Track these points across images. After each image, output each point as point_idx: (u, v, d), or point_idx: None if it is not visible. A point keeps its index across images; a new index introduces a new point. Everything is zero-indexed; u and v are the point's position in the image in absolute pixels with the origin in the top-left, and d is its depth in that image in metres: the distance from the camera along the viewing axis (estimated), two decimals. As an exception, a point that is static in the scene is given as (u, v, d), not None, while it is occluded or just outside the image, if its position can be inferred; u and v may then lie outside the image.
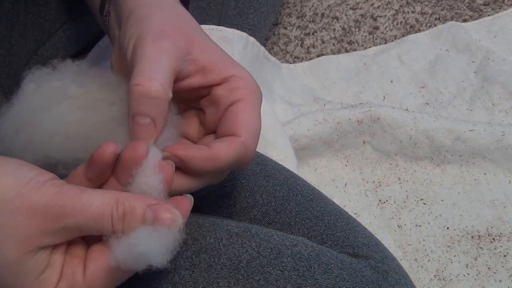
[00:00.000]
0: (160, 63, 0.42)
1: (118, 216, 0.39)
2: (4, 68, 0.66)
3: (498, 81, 0.93)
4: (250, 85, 0.46)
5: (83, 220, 0.38)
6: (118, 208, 0.39)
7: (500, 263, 0.79)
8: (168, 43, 0.43)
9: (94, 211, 0.38)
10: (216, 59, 0.46)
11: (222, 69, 0.46)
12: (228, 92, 0.45)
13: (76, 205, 0.38)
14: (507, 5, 1.06)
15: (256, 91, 0.47)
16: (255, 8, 0.88)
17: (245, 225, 0.53)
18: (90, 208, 0.38)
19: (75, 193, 0.39)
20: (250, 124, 0.44)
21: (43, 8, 0.68)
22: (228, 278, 0.48)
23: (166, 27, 0.45)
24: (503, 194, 0.84)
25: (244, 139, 0.44)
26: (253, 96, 0.46)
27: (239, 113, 0.45)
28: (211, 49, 0.47)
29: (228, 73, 0.46)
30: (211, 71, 0.46)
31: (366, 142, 0.88)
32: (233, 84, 0.46)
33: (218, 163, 0.43)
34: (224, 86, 0.46)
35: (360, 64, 1.00)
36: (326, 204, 0.59)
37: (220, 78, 0.46)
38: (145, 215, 0.39)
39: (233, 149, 0.43)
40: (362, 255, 0.55)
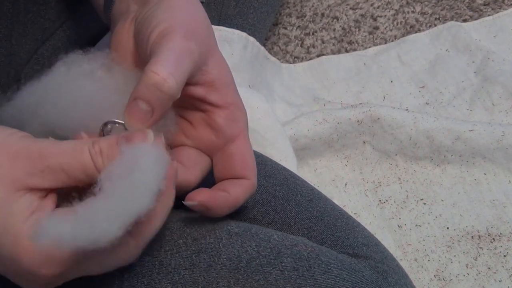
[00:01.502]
0: (183, 62, 0.43)
1: (95, 151, 0.40)
2: (4, 67, 0.66)
3: (498, 81, 0.93)
4: (245, 118, 0.49)
5: (64, 159, 0.40)
6: (94, 146, 0.40)
7: (500, 263, 0.79)
8: (195, 46, 0.44)
9: (72, 150, 0.40)
10: (224, 80, 0.47)
11: (227, 93, 0.47)
12: (229, 123, 0.48)
13: (55, 148, 0.40)
14: (507, 5, 1.06)
15: (246, 122, 0.49)
16: (255, 8, 0.88)
17: (245, 225, 0.52)
18: (68, 148, 0.40)
19: (50, 141, 0.41)
20: (254, 165, 0.49)
21: (43, 8, 0.68)
22: (228, 278, 0.48)
23: (196, 28, 0.45)
24: (503, 194, 0.84)
25: (254, 181, 0.49)
26: (245, 128, 0.49)
27: (244, 154, 0.48)
28: (224, 68, 0.48)
29: (231, 100, 0.47)
30: (216, 90, 0.47)
31: (366, 142, 0.88)
32: (233, 114, 0.48)
33: (235, 207, 0.48)
34: (225, 115, 0.47)
35: (360, 64, 1.00)
36: (326, 204, 0.59)
37: (222, 102, 0.47)
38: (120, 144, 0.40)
39: (248, 192, 0.48)
40: (361, 255, 0.55)
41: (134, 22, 0.48)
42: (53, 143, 0.40)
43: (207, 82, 0.46)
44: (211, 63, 0.46)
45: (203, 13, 0.49)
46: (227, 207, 0.47)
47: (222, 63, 0.48)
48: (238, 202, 0.47)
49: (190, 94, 0.47)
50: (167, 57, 0.42)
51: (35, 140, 0.41)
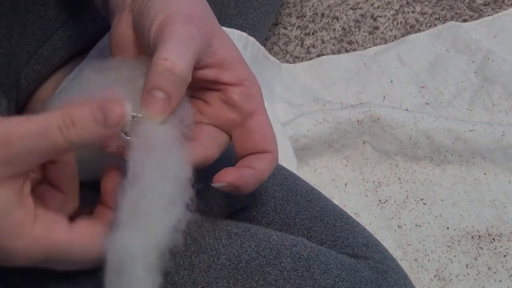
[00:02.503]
0: (189, 46, 0.43)
1: (66, 125, 0.38)
2: (4, 67, 0.66)
3: (498, 81, 0.93)
4: (260, 92, 0.49)
5: (30, 140, 0.37)
6: (64, 118, 0.38)
7: (500, 263, 0.79)
8: (196, 30, 0.44)
9: (37, 128, 0.37)
10: (233, 58, 0.47)
11: (238, 70, 0.47)
12: (245, 99, 0.47)
13: (19, 129, 0.37)
14: (507, 5, 1.06)
15: (261, 94, 0.49)
16: (255, 8, 0.88)
17: (244, 225, 0.53)
18: (33, 127, 0.37)
19: (18, 119, 0.38)
20: (274, 137, 0.49)
21: (43, 8, 0.68)
22: (227, 278, 0.48)
23: (194, 14, 0.45)
24: (503, 194, 0.84)
25: (276, 153, 0.49)
26: (262, 102, 0.49)
27: (264, 128, 0.48)
28: (230, 46, 0.48)
29: (243, 76, 0.47)
30: (227, 69, 0.47)
31: (366, 142, 0.88)
32: (248, 90, 0.47)
33: (263, 181, 0.47)
34: (240, 91, 0.47)
35: (360, 64, 1.00)
36: (325, 204, 0.59)
37: (235, 79, 0.47)
38: (95, 114, 0.38)
39: (272, 166, 0.48)
40: (361, 255, 0.55)
41: (131, 14, 0.48)
42: (19, 122, 0.38)
43: (215, 63, 0.46)
44: (216, 44, 0.46)
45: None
46: (255, 183, 0.47)
47: (227, 42, 0.48)
48: (264, 176, 0.47)
49: (202, 77, 0.46)
50: (173, 44, 0.42)
51: (1, 122, 0.38)
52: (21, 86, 0.68)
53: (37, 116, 0.38)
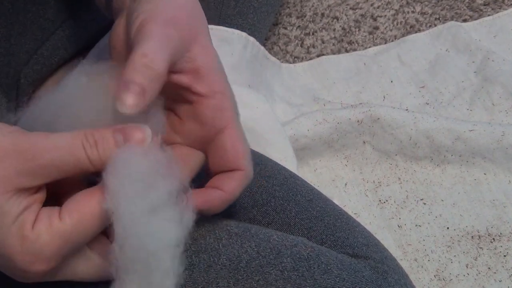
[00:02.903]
0: (166, 45, 0.43)
1: (90, 144, 0.39)
2: (3, 67, 0.66)
3: (498, 81, 0.93)
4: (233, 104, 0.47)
5: (57, 154, 0.39)
6: (88, 138, 0.40)
7: (500, 263, 0.79)
8: (174, 32, 0.44)
9: (64, 144, 0.39)
10: (210, 67, 0.46)
11: (213, 81, 0.46)
12: (216, 113, 0.46)
13: (46, 143, 0.39)
14: (507, 5, 1.06)
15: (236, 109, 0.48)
16: (255, 8, 0.88)
17: (244, 225, 0.52)
18: (60, 143, 0.39)
19: (43, 134, 0.40)
20: (247, 154, 0.47)
21: (42, 7, 0.68)
22: (228, 278, 0.48)
23: (176, 16, 0.45)
24: (503, 194, 0.84)
25: (248, 170, 0.47)
26: (234, 115, 0.47)
27: (236, 144, 0.46)
28: (210, 54, 0.47)
29: (217, 87, 0.46)
30: (202, 78, 0.46)
31: (366, 142, 0.88)
32: (220, 103, 0.46)
33: (231, 201, 0.47)
34: (212, 105, 0.46)
35: (360, 64, 1.00)
36: (325, 204, 0.59)
37: (207, 91, 0.46)
38: (116, 138, 0.40)
39: (242, 184, 0.47)
40: (361, 255, 0.55)
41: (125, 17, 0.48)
42: (45, 136, 0.40)
43: (191, 69, 0.45)
44: (195, 50, 0.45)
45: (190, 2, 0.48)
46: (223, 205, 0.46)
47: (209, 50, 0.47)
48: (233, 196, 0.46)
49: (175, 82, 0.46)
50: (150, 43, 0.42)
51: (25, 135, 0.40)
52: (21, 86, 0.68)
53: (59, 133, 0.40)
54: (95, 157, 0.40)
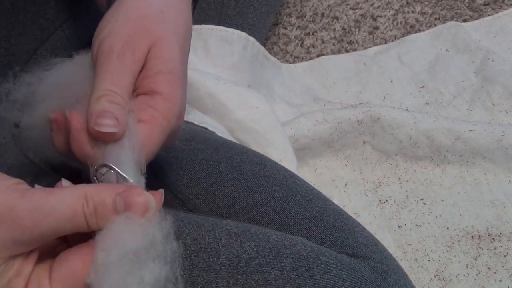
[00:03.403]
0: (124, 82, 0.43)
1: (89, 212, 0.38)
2: (3, 67, 0.66)
3: (498, 81, 0.93)
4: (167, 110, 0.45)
5: (56, 222, 0.37)
6: (88, 203, 0.38)
7: (500, 263, 0.79)
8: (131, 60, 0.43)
9: (66, 211, 0.37)
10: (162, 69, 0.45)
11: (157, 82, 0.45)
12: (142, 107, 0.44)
13: (46, 208, 0.37)
14: (507, 5, 1.06)
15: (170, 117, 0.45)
16: (255, 8, 0.88)
17: (244, 225, 0.52)
18: (61, 209, 0.37)
19: (41, 195, 0.37)
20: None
21: (42, 8, 0.68)
22: (227, 278, 0.48)
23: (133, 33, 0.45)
24: (503, 194, 0.84)
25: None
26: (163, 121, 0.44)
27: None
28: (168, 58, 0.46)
29: (157, 87, 0.45)
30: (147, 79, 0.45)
31: (366, 142, 0.88)
32: (152, 101, 0.44)
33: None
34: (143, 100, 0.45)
35: (360, 64, 1.00)
36: (325, 204, 0.59)
37: (148, 88, 0.45)
38: (116, 204, 0.38)
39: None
40: (361, 255, 0.55)
41: None
42: (45, 198, 0.37)
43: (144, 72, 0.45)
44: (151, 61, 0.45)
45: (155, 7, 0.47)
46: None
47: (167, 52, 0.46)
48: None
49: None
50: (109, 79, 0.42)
51: (24, 195, 0.37)
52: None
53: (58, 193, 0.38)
54: (94, 225, 0.38)
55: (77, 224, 0.38)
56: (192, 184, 0.59)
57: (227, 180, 0.59)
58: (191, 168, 0.60)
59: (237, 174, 0.59)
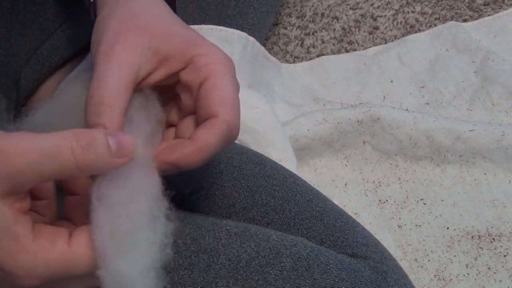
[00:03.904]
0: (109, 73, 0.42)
1: (81, 145, 0.36)
2: (3, 67, 0.66)
3: (498, 81, 0.93)
4: (215, 58, 0.44)
5: (37, 159, 0.35)
6: (79, 139, 0.36)
7: (500, 263, 0.79)
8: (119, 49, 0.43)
9: (48, 147, 0.35)
10: (177, 45, 0.45)
11: (184, 52, 0.44)
12: (194, 74, 0.44)
13: (25, 144, 0.35)
14: (507, 5, 1.06)
15: (222, 61, 0.44)
16: (255, 8, 0.88)
17: (244, 225, 0.53)
18: (43, 145, 0.35)
19: (22, 134, 0.36)
20: (224, 98, 0.43)
21: (42, 8, 0.68)
22: (227, 278, 0.48)
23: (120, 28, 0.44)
24: (503, 194, 0.84)
25: (223, 116, 0.42)
26: (220, 68, 0.44)
27: (210, 91, 0.43)
28: (173, 35, 0.45)
29: (190, 54, 0.44)
30: (173, 59, 0.44)
31: (366, 142, 0.88)
32: (197, 64, 0.44)
33: (208, 151, 0.42)
34: (189, 69, 0.44)
35: (360, 64, 1.00)
36: (325, 204, 0.59)
37: (183, 62, 0.44)
38: (108, 141, 0.37)
39: (217, 132, 0.42)
40: (361, 255, 0.55)
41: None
42: (27, 137, 0.36)
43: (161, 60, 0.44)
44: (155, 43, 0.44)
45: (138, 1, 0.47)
46: (196, 156, 0.41)
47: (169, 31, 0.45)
48: (207, 145, 0.41)
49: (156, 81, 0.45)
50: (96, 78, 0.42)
51: (4, 136, 0.36)
52: (20, 86, 0.68)
53: (47, 134, 0.36)
54: (85, 162, 0.36)
55: (61, 161, 0.36)
56: (191, 184, 0.59)
57: (227, 180, 0.59)
58: (190, 168, 0.60)
59: (237, 174, 0.59)
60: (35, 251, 0.36)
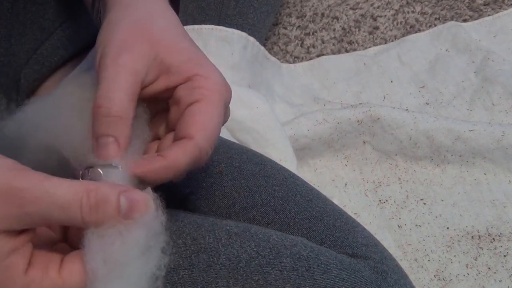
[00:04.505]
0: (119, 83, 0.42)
1: (89, 205, 0.36)
2: (3, 67, 0.66)
3: (498, 81, 0.93)
4: (213, 84, 0.45)
5: (46, 208, 0.36)
6: (89, 196, 0.36)
7: (500, 263, 0.79)
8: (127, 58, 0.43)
9: (59, 198, 0.36)
10: (182, 59, 0.45)
11: (188, 69, 0.45)
12: (189, 92, 0.44)
13: (38, 191, 0.36)
14: (507, 5, 1.06)
15: (219, 90, 0.45)
16: (255, 8, 0.88)
17: (244, 225, 0.52)
18: (54, 195, 0.36)
19: (37, 178, 0.36)
20: (205, 124, 0.43)
21: (42, 8, 0.68)
22: (227, 278, 0.48)
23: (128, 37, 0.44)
24: (503, 194, 0.84)
25: (198, 141, 0.43)
26: (215, 96, 0.44)
27: (196, 113, 0.44)
28: (179, 49, 0.46)
29: (192, 72, 0.45)
30: (175, 72, 0.45)
31: (366, 142, 0.88)
32: (195, 83, 0.44)
33: (176, 169, 0.42)
34: (186, 86, 0.45)
35: (360, 64, 1.00)
36: (325, 204, 0.59)
37: (183, 78, 0.45)
38: (120, 203, 0.37)
39: (188, 153, 0.42)
40: (361, 255, 0.55)
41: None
42: (39, 181, 0.36)
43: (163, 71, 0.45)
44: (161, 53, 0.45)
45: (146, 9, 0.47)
46: (166, 173, 0.42)
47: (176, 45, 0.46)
48: (176, 164, 0.42)
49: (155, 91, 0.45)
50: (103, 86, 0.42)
51: (17, 174, 0.37)
52: (21, 86, 0.68)
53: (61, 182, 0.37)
54: (91, 220, 0.37)
55: (69, 215, 0.36)
56: (191, 184, 0.59)
57: (227, 180, 0.59)
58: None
59: (237, 174, 0.59)
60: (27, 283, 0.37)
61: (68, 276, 0.37)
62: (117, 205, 0.37)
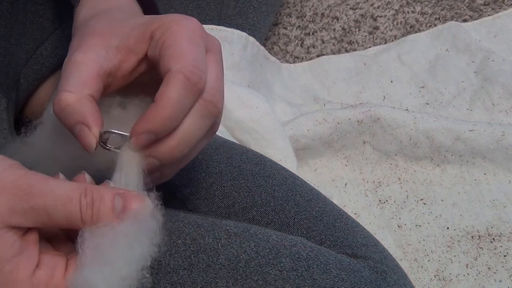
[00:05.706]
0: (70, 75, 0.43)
1: (86, 202, 0.38)
2: (3, 67, 0.66)
3: (498, 81, 0.93)
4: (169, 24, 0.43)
5: (51, 202, 0.38)
6: (86, 194, 0.39)
7: (500, 263, 0.79)
8: (79, 54, 0.44)
9: (61, 194, 0.38)
10: (135, 32, 0.44)
11: (142, 34, 0.44)
12: (155, 47, 0.43)
13: (44, 187, 0.38)
14: (507, 5, 1.06)
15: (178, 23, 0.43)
16: (255, 8, 0.88)
17: (244, 225, 0.52)
18: (58, 191, 0.38)
19: (42, 177, 0.39)
20: (177, 52, 0.42)
21: (42, 7, 0.68)
22: (227, 278, 0.48)
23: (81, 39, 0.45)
24: (503, 194, 0.84)
25: (175, 68, 0.41)
26: (175, 29, 0.43)
27: (164, 52, 0.42)
28: (130, 27, 0.45)
29: (149, 32, 0.44)
30: (136, 44, 0.44)
31: (366, 142, 0.88)
32: (155, 37, 0.43)
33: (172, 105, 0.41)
34: (151, 46, 0.44)
35: (360, 64, 1.00)
36: (325, 204, 0.59)
37: (145, 42, 0.44)
38: (114, 202, 0.39)
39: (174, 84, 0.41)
40: (361, 255, 0.55)
41: None
42: (44, 180, 0.39)
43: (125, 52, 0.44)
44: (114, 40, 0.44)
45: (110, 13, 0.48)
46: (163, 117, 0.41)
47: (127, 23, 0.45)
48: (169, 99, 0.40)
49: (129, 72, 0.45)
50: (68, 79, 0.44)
51: (25, 173, 0.39)
52: (20, 86, 0.68)
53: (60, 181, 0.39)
54: (88, 217, 0.39)
55: (71, 211, 0.38)
56: (191, 184, 0.59)
57: (227, 180, 0.59)
58: (190, 168, 0.60)
59: (237, 174, 0.59)
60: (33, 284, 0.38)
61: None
62: (112, 204, 0.39)
